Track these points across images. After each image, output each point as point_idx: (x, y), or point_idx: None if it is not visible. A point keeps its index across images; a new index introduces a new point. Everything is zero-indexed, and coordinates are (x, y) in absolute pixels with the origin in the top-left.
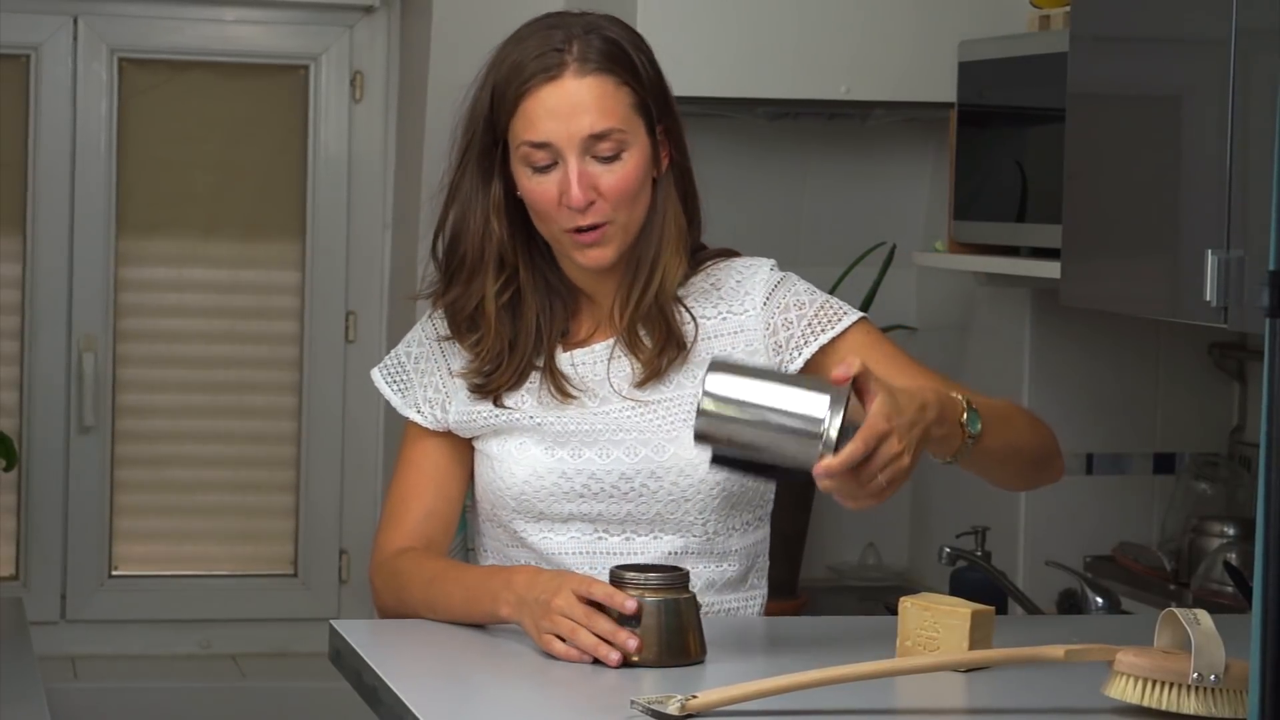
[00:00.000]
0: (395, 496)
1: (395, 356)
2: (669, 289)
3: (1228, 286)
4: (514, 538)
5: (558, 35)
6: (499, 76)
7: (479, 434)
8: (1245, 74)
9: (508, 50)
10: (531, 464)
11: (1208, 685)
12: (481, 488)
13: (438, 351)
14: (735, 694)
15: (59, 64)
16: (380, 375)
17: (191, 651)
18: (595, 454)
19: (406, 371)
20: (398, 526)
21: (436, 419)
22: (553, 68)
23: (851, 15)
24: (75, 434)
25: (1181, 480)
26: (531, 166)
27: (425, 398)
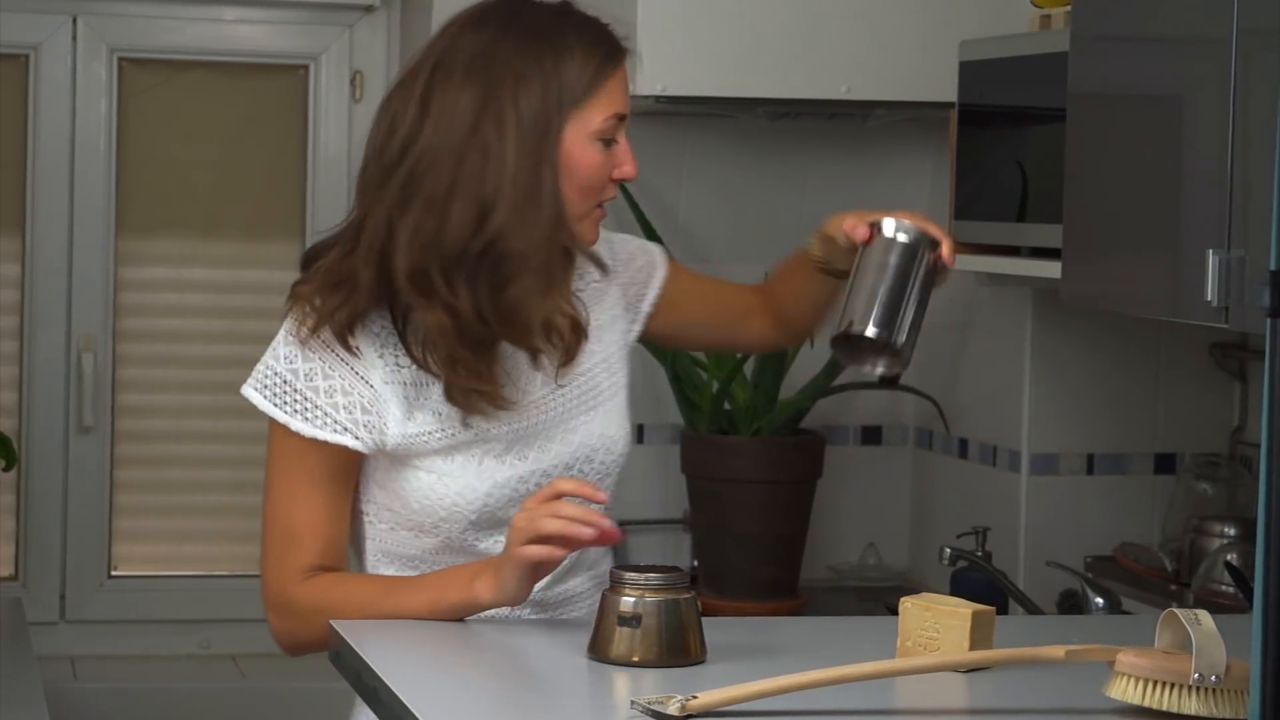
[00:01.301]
0: (292, 519)
1: (272, 373)
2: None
3: (1229, 286)
4: (451, 547)
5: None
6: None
7: (424, 452)
8: (1246, 74)
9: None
10: (492, 476)
11: (1209, 686)
12: (423, 502)
13: (346, 369)
14: (735, 694)
15: (58, 64)
16: (264, 399)
17: (191, 652)
18: (537, 451)
19: (301, 393)
20: (303, 551)
21: (374, 441)
22: (623, 47)
23: (852, 15)
24: (75, 434)
25: (1182, 480)
26: (603, 140)
27: (354, 420)
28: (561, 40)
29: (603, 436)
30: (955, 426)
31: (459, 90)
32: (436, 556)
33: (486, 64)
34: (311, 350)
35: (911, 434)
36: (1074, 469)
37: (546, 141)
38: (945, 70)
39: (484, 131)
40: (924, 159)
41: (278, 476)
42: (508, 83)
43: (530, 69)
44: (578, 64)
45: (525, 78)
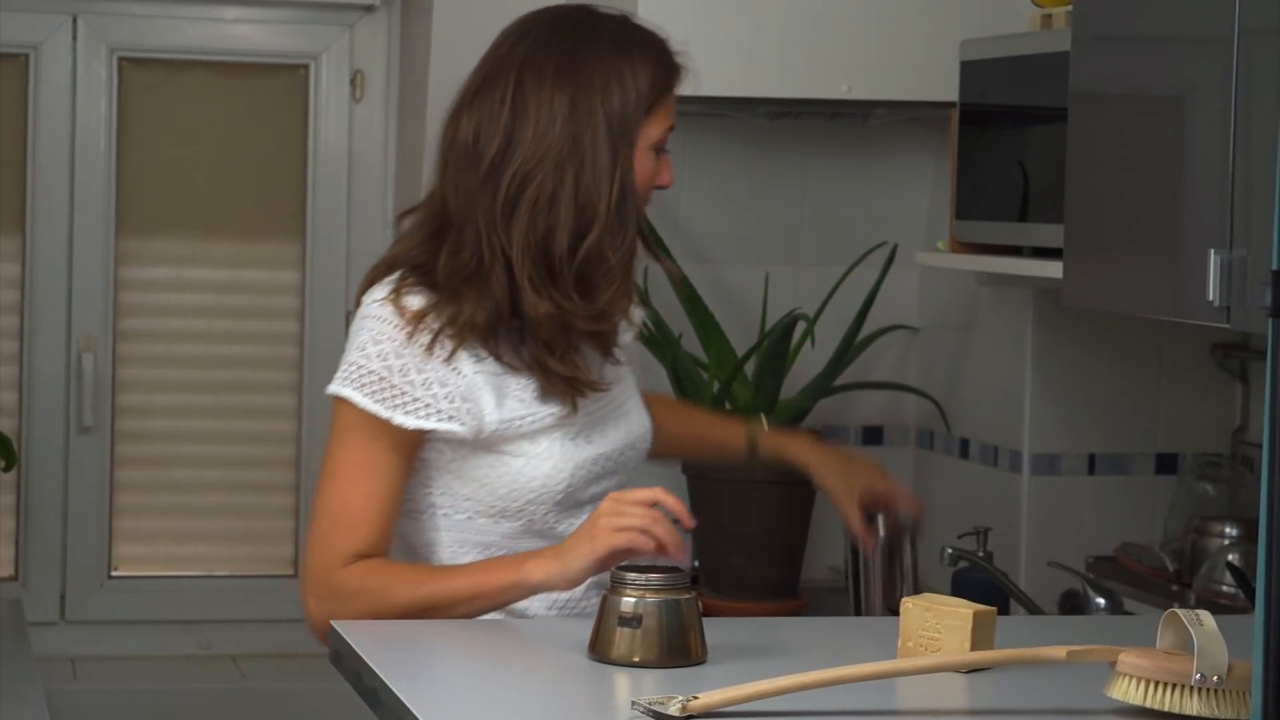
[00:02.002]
0: (346, 498)
1: (368, 371)
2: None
3: (1230, 286)
4: (532, 530)
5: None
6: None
7: (517, 435)
8: (1248, 73)
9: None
10: (574, 457)
11: (1210, 686)
12: (510, 486)
13: (436, 361)
14: (736, 695)
15: (58, 63)
16: (361, 394)
17: (191, 652)
18: (601, 435)
19: (394, 385)
20: (354, 536)
21: (474, 426)
22: (679, 59)
23: (853, 15)
24: (75, 434)
25: (1184, 480)
26: (658, 150)
27: (455, 407)
28: (637, 51)
29: (640, 423)
30: (956, 426)
31: (552, 96)
32: (515, 541)
33: (575, 71)
34: (401, 348)
35: (913, 434)
36: (1075, 469)
37: (629, 148)
38: (946, 70)
39: (582, 137)
40: (925, 159)
41: (342, 465)
42: (596, 89)
43: (613, 77)
44: (650, 75)
45: (609, 85)
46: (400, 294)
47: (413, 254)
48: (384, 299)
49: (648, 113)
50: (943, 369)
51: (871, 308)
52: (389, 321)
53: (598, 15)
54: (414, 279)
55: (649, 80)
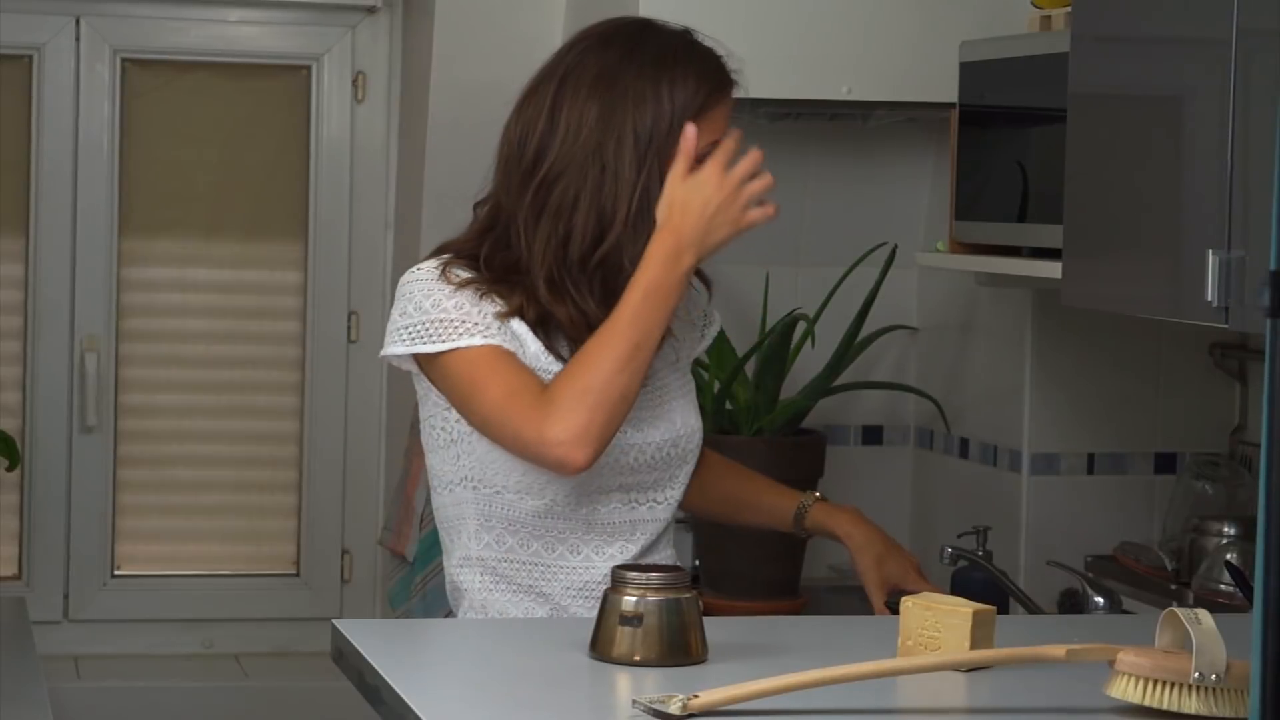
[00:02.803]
0: (512, 381)
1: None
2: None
3: (1228, 286)
4: (555, 512)
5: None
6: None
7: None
8: (1246, 74)
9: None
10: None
11: (1209, 685)
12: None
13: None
14: (737, 693)
15: (62, 65)
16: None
17: (194, 651)
18: (632, 427)
19: (453, 320)
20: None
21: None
22: (733, 76)
23: (853, 16)
24: (78, 434)
25: (1182, 480)
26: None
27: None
28: (679, 67)
29: (685, 423)
30: (956, 426)
31: (584, 105)
32: (541, 520)
33: (610, 83)
34: (449, 293)
35: (912, 434)
36: (1074, 469)
37: (659, 161)
38: (946, 71)
39: (605, 147)
40: (925, 159)
41: (476, 387)
42: (628, 103)
43: (648, 91)
44: (690, 91)
45: (643, 100)
46: (448, 267)
47: (465, 245)
48: (429, 268)
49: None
50: (942, 369)
51: (871, 308)
52: (435, 280)
53: (653, 29)
54: (461, 261)
55: (689, 95)
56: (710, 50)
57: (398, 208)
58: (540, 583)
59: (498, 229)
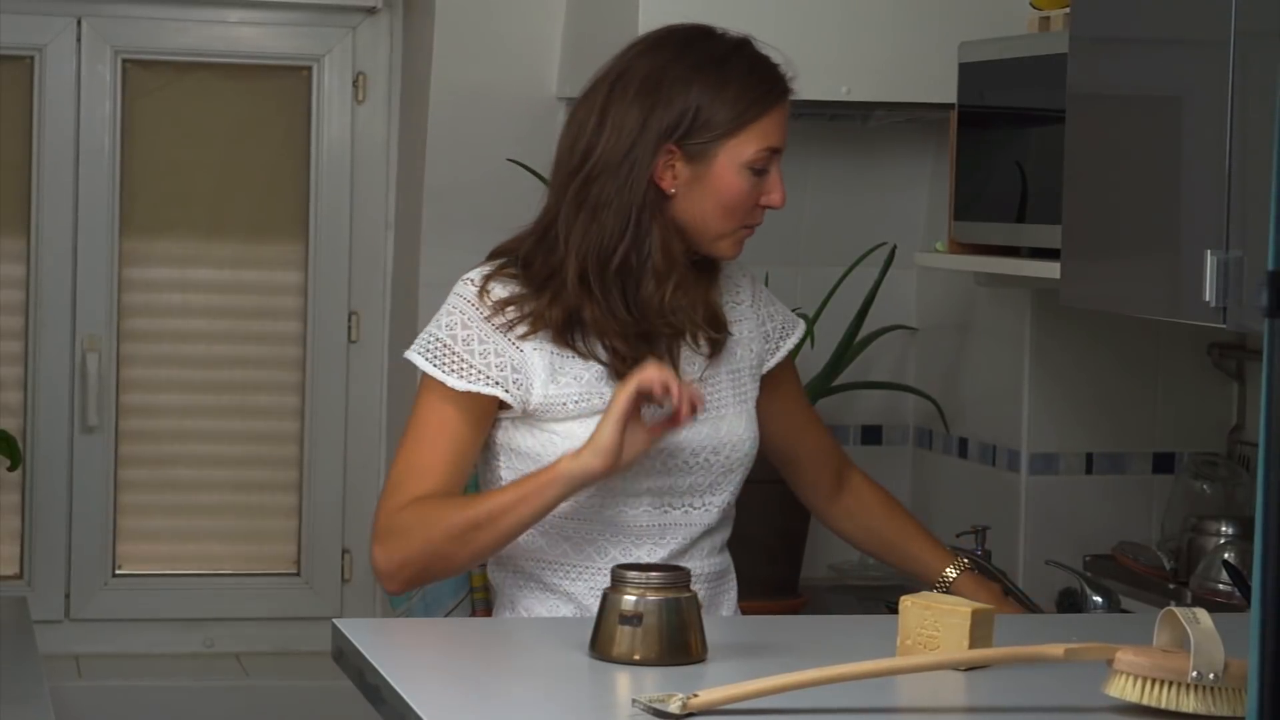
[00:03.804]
0: (416, 461)
1: (434, 339)
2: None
3: (1227, 287)
4: (579, 514)
5: (769, 56)
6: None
7: (564, 415)
8: (1244, 75)
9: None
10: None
11: (1207, 684)
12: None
13: (500, 336)
14: (736, 693)
15: (63, 65)
16: (424, 360)
17: (195, 650)
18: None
19: (458, 354)
20: (417, 480)
21: (520, 399)
22: (789, 83)
23: (852, 16)
24: (79, 433)
25: (1181, 480)
26: (753, 169)
27: (506, 377)
28: (723, 73)
29: (730, 433)
30: (955, 426)
31: (629, 108)
32: (568, 521)
33: (654, 87)
34: (470, 321)
35: (911, 434)
36: (1073, 468)
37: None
38: (945, 71)
39: (637, 147)
40: (924, 160)
41: (415, 428)
42: (667, 108)
43: (691, 98)
44: (732, 97)
45: (682, 105)
46: (490, 280)
47: (513, 246)
48: (471, 280)
49: (733, 133)
50: (941, 369)
51: (871, 308)
52: (470, 302)
53: (709, 34)
54: (509, 269)
55: (733, 102)
56: (763, 57)
57: (398, 208)
58: (565, 583)
59: (546, 229)
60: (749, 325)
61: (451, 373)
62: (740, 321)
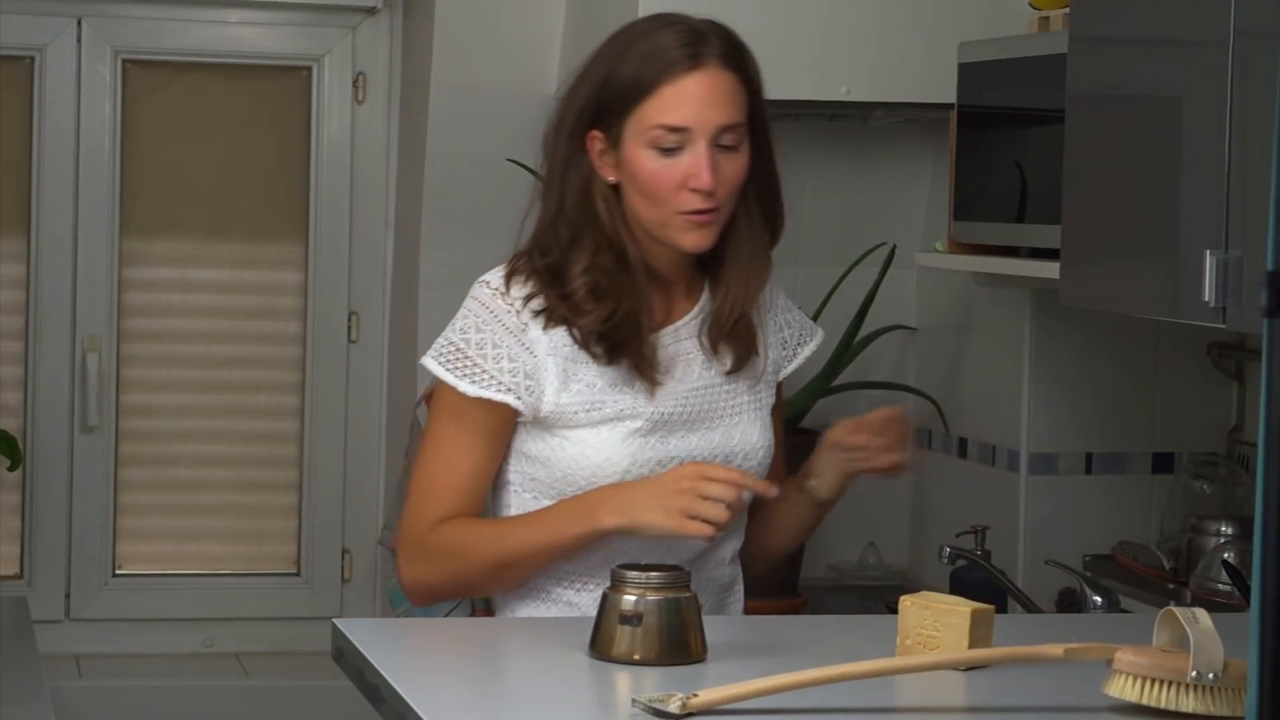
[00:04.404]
0: (437, 475)
1: (449, 344)
2: (757, 297)
3: (1226, 287)
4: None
5: (687, 31)
6: (623, 67)
7: (575, 423)
8: (1244, 75)
9: (628, 44)
10: (633, 452)
11: (1206, 683)
12: (567, 470)
13: (514, 340)
14: (736, 692)
15: (63, 65)
16: (438, 364)
17: (195, 650)
18: (679, 439)
19: (470, 358)
20: (440, 503)
21: (531, 405)
22: (695, 57)
23: (852, 17)
24: (79, 433)
25: (1180, 479)
26: (659, 148)
27: (517, 383)
28: (629, 47)
29: (743, 441)
30: (954, 426)
31: (567, 100)
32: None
33: (581, 74)
34: (485, 324)
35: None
36: (1072, 468)
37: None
38: (944, 72)
39: (574, 138)
40: (924, 160)
41: (434, 437)
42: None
43: (600, 73)
44: (631, 71)
45: (591, 82)
46: (512, 279)
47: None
48: (487, 283)
49: (634, 106)
50: (941, 369)
51: (870, 308)
52: (485, 304)
53: (654, 17)
54: (526, 265)
55: (632, 77)
56: (680, 31)
57: (398, 208)
58: (569, 593)
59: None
60: (766, 331)
61: (464, 378)
62: (760, 327)
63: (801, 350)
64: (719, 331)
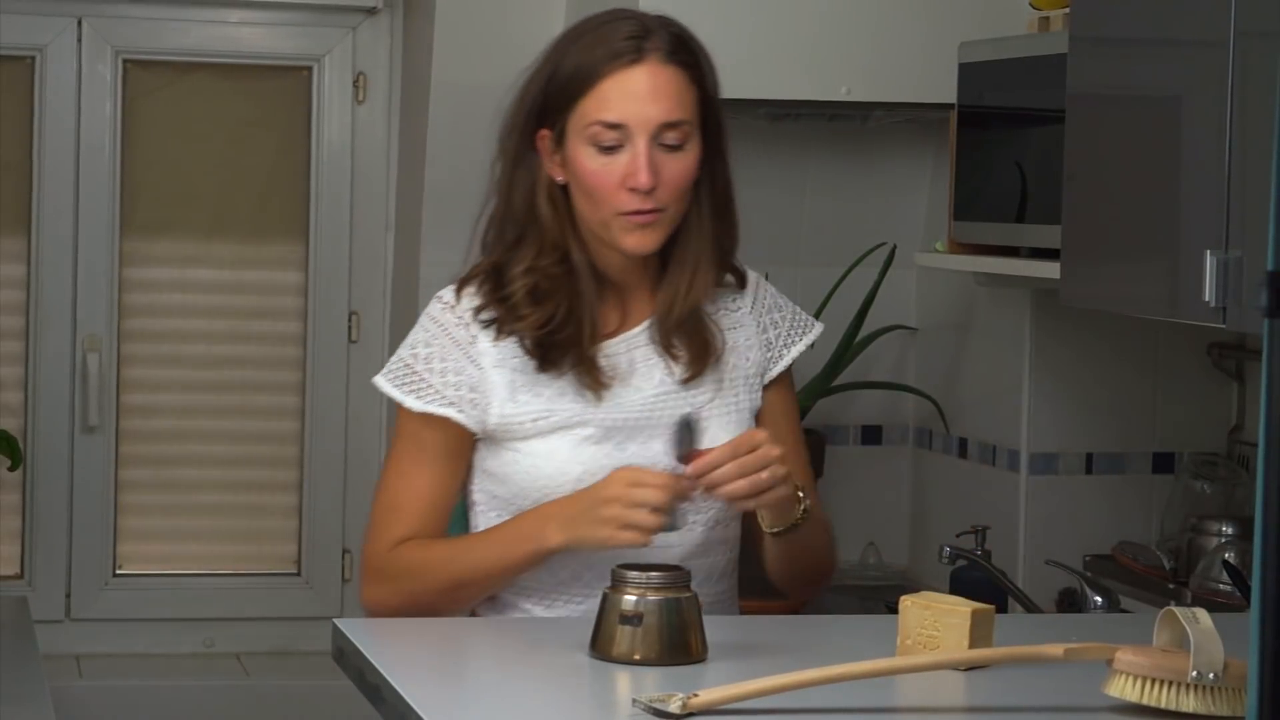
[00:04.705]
0: (395, 494)
1: (399, 360)
2: (703, 298)
3: (1226, 287)
4: None
5: (633, 25)
6: (566, 62)
7: (525, 434)
8: (1244, 75)
9: (574, 39)
10: (585, 461)
11: (1206, 683)
12: (518, 484)
13: (460, 353)
14: (736, 692)
15: (63, 65)
16: (387, 381)
17: (195, 650)
18: (638, 447)
19: (418, 373)
20: (399, 522)
21: (477, 419)
22: (634, 52)
23: (852, 17)
24: (80, 433)
25: (1180, 479)
26: (597, 146)
27: (461, 396)
28: (580, 41)
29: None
30: (955, 426)
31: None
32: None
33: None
34: (434, 338)
35: (911, 434)
36: (1073, 468)
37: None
38: (945, 72)
39: (525, 139)
40: (924, 160)
41: (393, 455)
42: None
43: (544, 71)
44: (570, 66)
45: (534, 81)
46: (463, 290)
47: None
48: (440, 297)
49: (573, 103)
50: (941, 369)
51: (870, 308)
52: (435, 319)
53: (610, 11)
54: (477, 272)
55: (571, 71)
56: (622, 25)
57: (398, 208)
58: (539, 608)
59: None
60: (747, 332)
61: (410, 393)
62: (736, 329)
63: (791, 349)
64: (665, 333)
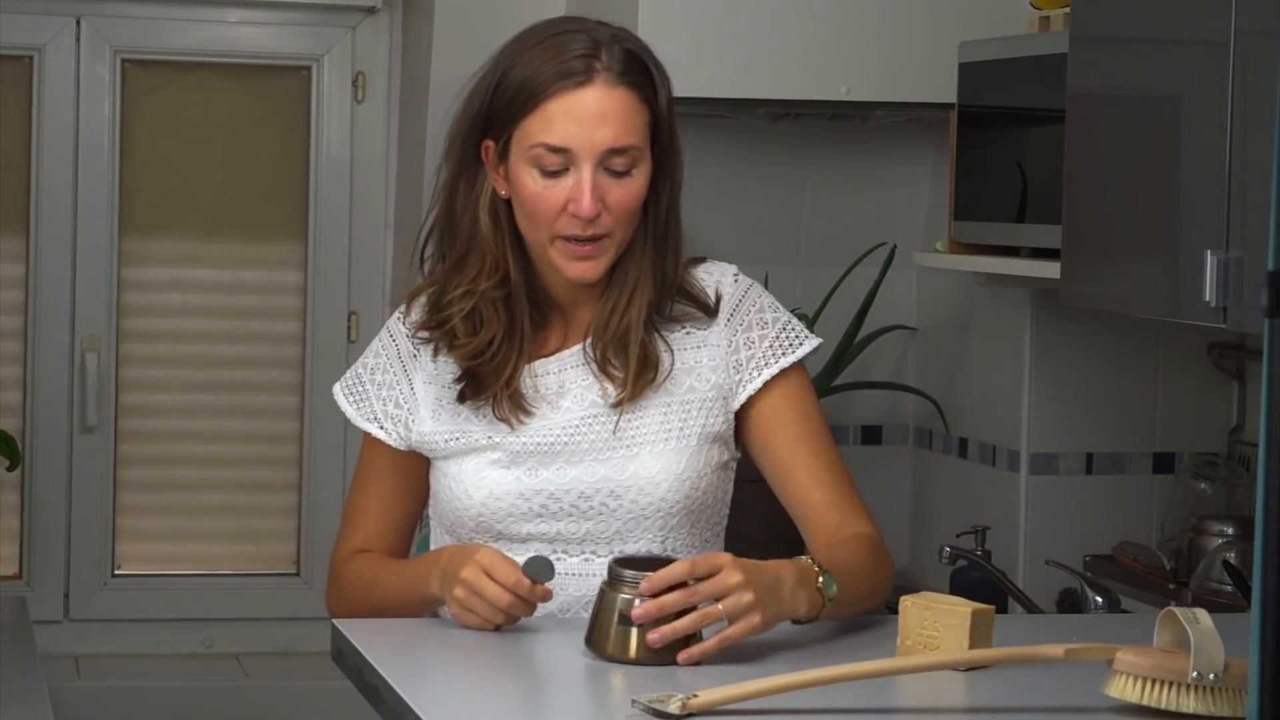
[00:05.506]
0: (353, 506)
1: (353, 371)
2: (641, 317)
3: (1227, 287)
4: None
5: (584, 41)
6: (513, 74)
7: (440, 454)
8: (1244, 75)
9: (523, 48)
10: (490, 485)
11: (1207, 684)
12: (441, 504)
13: (399, 367)
14: (736, 693)
15: (62, 65)
16: (340, 390)
17: (194, 650)
18: (552, 473)
19: (363, 384)
20: (354, 533)
21: (400, 436)
22: (583, 73)
23: (852, 16)
24: (78, 433)
25: (1181, 480)
26: (540, 169)
27: (386, 413)
28: (528, 52)
29: (637, 475)
30: (955, 426)
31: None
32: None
33: (487, 70)
34: (384, 348)
35: (911, 434)
36: (1073, 468)
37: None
38: (945, 71)
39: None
40: (924, 160)
41: (357, 467)
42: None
43: (483, 89)
44: (515, 82)
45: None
46: (409, 302)
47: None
48: (401, 305)
49: (516, 121)
50: (941, 369)
51: (870, 308)
52: (389, 331)
53: (563, 18)
54: (429, 292)
55: (520, 82)
56: (557, 34)
57: (398, 208)
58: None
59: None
60: (712, 352)
61: (353, 405)
62: (699, 349)
63: (767, 368)
64: (601, 352)
